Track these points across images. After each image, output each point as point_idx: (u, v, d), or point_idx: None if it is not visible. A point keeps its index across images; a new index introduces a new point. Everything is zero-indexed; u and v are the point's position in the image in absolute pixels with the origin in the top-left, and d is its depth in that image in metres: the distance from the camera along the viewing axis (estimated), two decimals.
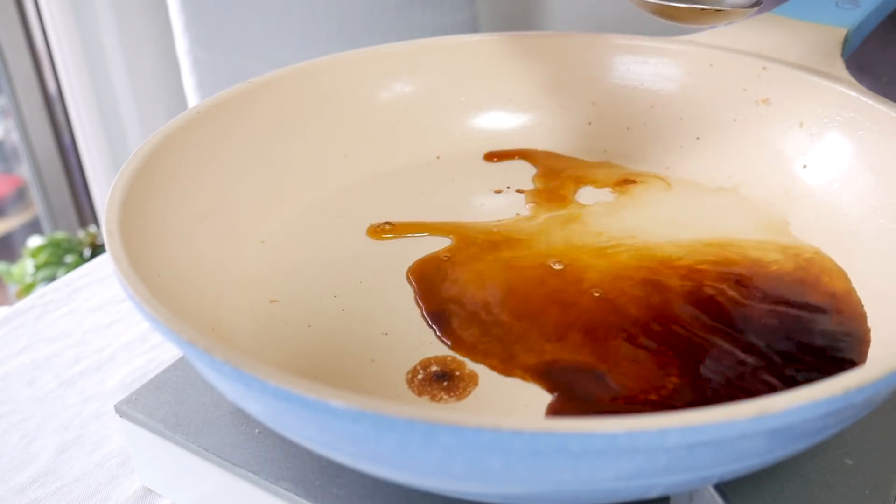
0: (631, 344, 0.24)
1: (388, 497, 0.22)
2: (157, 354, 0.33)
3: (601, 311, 0.26)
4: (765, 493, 0.22)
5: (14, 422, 0.30)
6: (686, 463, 0.16)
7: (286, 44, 0.60)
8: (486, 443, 0.15)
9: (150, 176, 0.26)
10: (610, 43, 0.36)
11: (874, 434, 0.23)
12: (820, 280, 0.27)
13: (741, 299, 0.26)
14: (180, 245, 0.26)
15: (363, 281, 0.28)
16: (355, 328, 0.26)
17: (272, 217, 0.30)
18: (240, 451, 0.23)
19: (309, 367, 0.24)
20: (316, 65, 0.34)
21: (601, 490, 0.17)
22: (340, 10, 0.58)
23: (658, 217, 0.31)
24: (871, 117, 0.29)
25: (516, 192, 0.33)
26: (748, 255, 0.28)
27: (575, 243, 0.29)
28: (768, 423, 0.15)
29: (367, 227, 0.30)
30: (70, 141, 1.10)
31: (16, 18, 1.04)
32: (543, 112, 0.36)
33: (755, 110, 0.32)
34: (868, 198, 0.28)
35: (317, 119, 0.33)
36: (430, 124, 0.35)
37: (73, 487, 0.27)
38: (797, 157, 0.31)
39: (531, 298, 0.26)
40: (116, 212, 0.23)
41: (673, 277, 0.27)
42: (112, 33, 0.92)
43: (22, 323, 0.36)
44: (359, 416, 0.15)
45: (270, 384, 0.16)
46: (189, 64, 0.67)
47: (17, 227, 1.23)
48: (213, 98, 0.30)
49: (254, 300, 0.27)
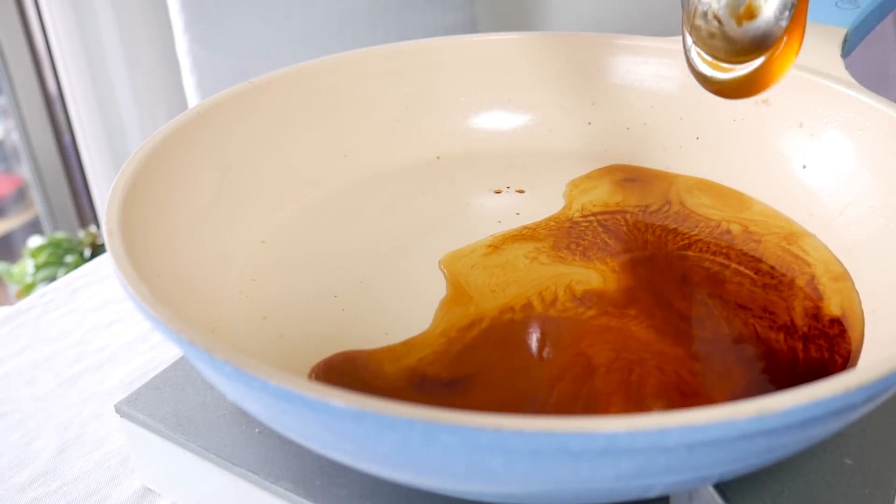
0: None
1: (388, 497, 0.22)
2: (158, 354, 0.33)
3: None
4: (765, 493, 0.22)
5: (14, 421, 0.30)
6: (686, 463, 0.16)
7: (286, 44, 0.60)
8: (486, 442, 0.15)
9: (150, 176, 0.26)
10: (610, 43, 0.36)
11: (874, 434, 0.23)
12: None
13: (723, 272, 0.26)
14: (180, 245, 0.26)
15: (363, 281, 0.28)
16: (355, 328, 0.26)
17: (272, 217, 0.30)
18: (240, 451, 0.23)
19: (309, 366, 0.24)
20: (316, 65, 0.34)
21: (601, 490, 0.17)
22: (341, 10, 0.58)
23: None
24: (871, 117, 0.29)
25: (516, 192, 0.33)
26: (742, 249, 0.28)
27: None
28: (768, 423, 0.15)
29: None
30: (70, 141, 1.10)
31: (16, 18, 1.04)
32: (543, 112, 0.36)
33: (755, 110, 0.32)
34: (868, 198, 0.28)
35: (317, 119, 0.33)
36: (430, 124, 0.35)
37: (73, 487, 0.27)
38: (797, 157, 0.31)
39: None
40: (116, 212, 0.23)
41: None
42: (112, 33, 0.92)
43: (22, 322, 0.36)
44: (359, 415, 0.15)
45: (271, 384, 0.16)
46: (189, 64, 0.67)
47: (18, 227, 1.23)
48: (214, 98, 0.30)
49: (254, 300, 0.27)
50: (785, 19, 0.24)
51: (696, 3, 0.25)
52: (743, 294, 0.27)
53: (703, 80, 0.27)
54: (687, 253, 0.29)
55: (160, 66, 0.92)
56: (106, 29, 0.92)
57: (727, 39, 0.25)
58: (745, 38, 0.25)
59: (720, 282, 0.27)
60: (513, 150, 0.36)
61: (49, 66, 1.06)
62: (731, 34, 0.25)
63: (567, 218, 0.31)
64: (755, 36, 0.25)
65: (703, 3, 0.25)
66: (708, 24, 0.25)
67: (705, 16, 0.25)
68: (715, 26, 0.25)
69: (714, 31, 0.25)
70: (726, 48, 0.25)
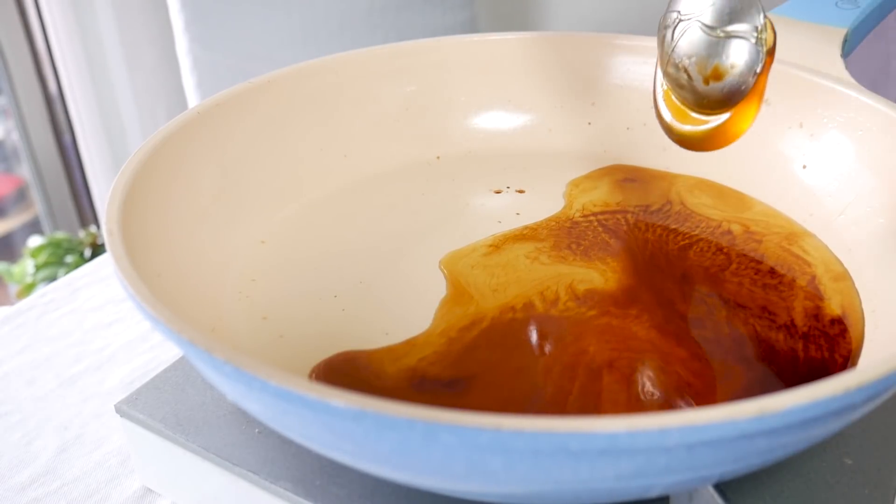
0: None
1: (388, 497, 0.22)
2: (158, 354, 0.33)
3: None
4: (765, 493, 0.22)
5: (14, 421, 0.30)
6: (686, 463, 0.16)
7: (286, 44, 0.60)
8: (486, 442, 0.15)
9: (150, 176, 0.26)
10: (610, 43, 0.36)
11: (874, 434, 0.23)
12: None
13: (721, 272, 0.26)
14: (180, 245, 0.26)
15: (363, 281, 0.28)
16: (355, 328, 0.26)
17: (272, 217, 0.30)
18: (240, 451, 0.23)
19: (309, 366, 0.24)
20: (316, 65, 0.34)
21: (601, 490, 0.17)
22: (341, 10, 0.58)
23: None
24: (871, 117, 0.29)
25: (516, 192, 0.33)
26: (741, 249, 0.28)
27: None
28: (768, 423, 0.15)
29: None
30: (70, 141, 1.10)
31: (16, 18, 1.04)
32: (543, 112, 0.36)
33: None
34: (868, 198, 0.28)
35: (317, 119, 0.33)
36: (430, 124, 0.35)
37: (73, 487, 0.27)
38: (797, 157, 0.31)
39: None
40: (117, 212, 0.23)
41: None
42: (112, 33, 0.92)
43: (22, 322, 0.36)
44: (359, 415, 0.15)
45: (271, 384, 0.16)
46: (189, 64, 0.67)
47: (18, 227, 1.23)
48: (214, 98, 0.30)
49: (254, 300, 0.27)
50: (748, 84, 0.26)
51: (670, 53, 0.26)
52: (743, 294, 0.27)
53: (668, 128, 0.28)
54: (688, 253, 0.29)
55: (160, 66, 0.92)
56: (106, 29, 0.92)
57: (695, 93, 0.27)
58: (711, 95, 0.26)
59: (721, 281, 0.27)
60: (513, 150, 0.36)
61: (49, 66, 1.06)
62: (699, 89, 0.26)
63: (567, 218, 0.31)
64: (721, 95, 0.26)
65: (676, 56, 0.26)
66: (678, 74, 0.27)
67: (677, 67, 0.26)
68: (685, 79, 0.27)
69: (683, 83, 0.27)
70: (694, 100, 0.27)
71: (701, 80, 0.26)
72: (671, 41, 0.26)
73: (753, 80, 0.26)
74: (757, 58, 0.25)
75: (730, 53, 0.26)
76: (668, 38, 0.27)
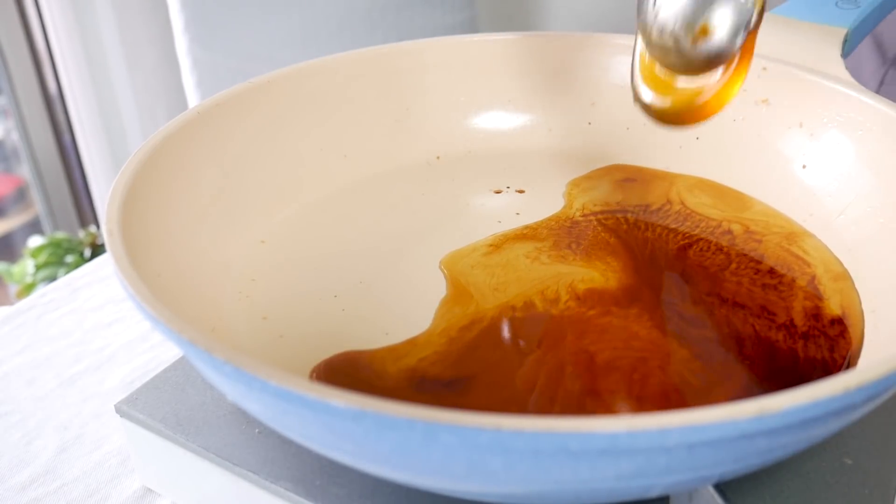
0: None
1: (388, 497, 0.22)
2: (158, 354, 0.33)
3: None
4: (765, 493, 0.22)
5: (14, 421, 0.30)
6: (686, 463, 0.16)
7: (286, 44, 0.60)
8: (486, 442, 0.15)
9: (150, 176, 0.26)
10: (610, 43, 0.36)
11: (874, 434, 0.23)
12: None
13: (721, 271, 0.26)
14: (180, 245, 0.26)
15: (363, 281, 0.28)
16: (355, 328, 0.26)
17: (272, 217, 0.30)
18: (240, 451, 0.23)
19: (309, 366, 0.24)
20: (316, 65, 0.34)
21: (601, 490, 0.17)
22: (341, 11, 0.58)
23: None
24: (871, 117, 0.29)
25: (516, 191, 0.33)
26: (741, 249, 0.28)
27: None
28: (768, 423, 0.15)
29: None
30: (70, 141, 1.10)
31: (16, 18, 1.04)
32: (543, 112, 0.36)
33: (755, 110, 0.32)
34: (868, 198, 0.28)
35: (317, 119, 0.33)
36: (430, 124, 0.35)
37: (73, 487, 0.27)
38: (797, 157, 0.31)
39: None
40: (116, 212, 0.23)
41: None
42: (112, 33, 0.92)
43: (22, 322, 0.36)
44: (359, 415, 0.15)
45: (271, 384, 0.16)
46: (189, 64, 0.67)
47: (18, 227, 1.23)
48: (214, 98, 0.30)
49: (254, 300, 0.27)
50: (739, 41, 0.25)
51: (653, 19, 0.26)
52: (743, 293, 0.27)
53: (645, 107, 0.28)
54: (688, 252, 0.29)
55: (160, 66, 0.92)
56: (106, 29, 0.92)
57: (682, 55, 0.26)
58: (698, 56, 0.25)
59: (721, 281, 0.27)
60: (513, 150, 0.36)
61: (49, 66, 1.06)
62: (686, 50, 0.25)
63: (567, 217, 0.31)
64: (708, 55, 0.25)
65: (660, 20, 0.25)
66: (663, 39, 0.26)
67: (661, 30, 0.25)
68: (670, 43, 0.25)
69: (669, 47, 0.26)
70: (681, 63, 0.26)
71: (689, 40, 0.25)
72: (654, 5, 0.26)
73: (744, 38, 0.25)
74: (747, 15, 0.24)
75: (719, 9, 0.25)
76: (649, 1, 0.26)
